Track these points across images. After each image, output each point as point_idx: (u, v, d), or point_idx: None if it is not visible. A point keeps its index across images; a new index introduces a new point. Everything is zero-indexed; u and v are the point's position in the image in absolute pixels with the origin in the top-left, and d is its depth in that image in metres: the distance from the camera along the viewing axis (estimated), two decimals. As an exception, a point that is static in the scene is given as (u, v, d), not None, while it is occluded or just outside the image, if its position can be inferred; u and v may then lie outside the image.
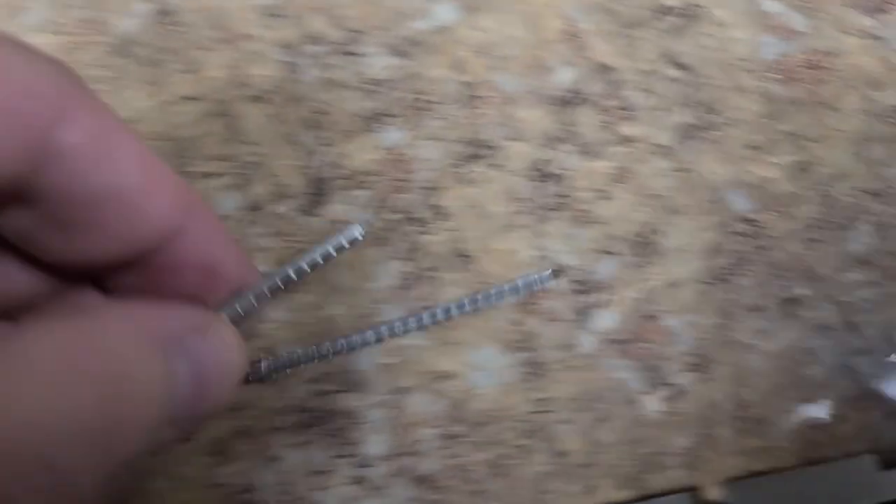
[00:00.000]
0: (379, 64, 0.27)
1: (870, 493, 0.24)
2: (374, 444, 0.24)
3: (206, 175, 0.25)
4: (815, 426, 0.25)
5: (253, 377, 0.23)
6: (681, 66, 0.27)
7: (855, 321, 0.26)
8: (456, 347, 0.25)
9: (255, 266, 0.22)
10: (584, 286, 0.26)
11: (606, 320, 0.25)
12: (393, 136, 0.26)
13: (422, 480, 0.24)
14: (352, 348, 0.23)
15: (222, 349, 0.18)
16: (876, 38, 0.28)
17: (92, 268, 0.18)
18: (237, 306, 0.20)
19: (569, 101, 0.27)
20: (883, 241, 0.26)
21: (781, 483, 0.24)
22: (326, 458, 0.24)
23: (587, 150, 0.26)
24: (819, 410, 0.25)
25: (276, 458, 0.24)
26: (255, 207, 0.25)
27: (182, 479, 0.24)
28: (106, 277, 0.19)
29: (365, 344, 0.23)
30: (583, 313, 0.25)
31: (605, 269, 0.26)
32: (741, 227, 0.26)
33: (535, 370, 0.25)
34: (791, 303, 0.26)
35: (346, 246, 0.21)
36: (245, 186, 0.25)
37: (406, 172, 0.26)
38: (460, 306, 0.24)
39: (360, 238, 0.21)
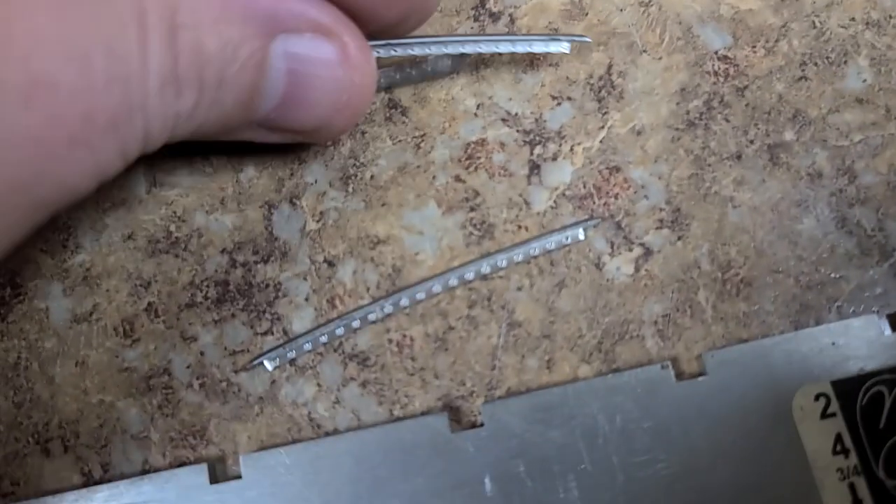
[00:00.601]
0: None
1: (876, 355, 0.20)
2: (300, 319, 0.21)
3: None
4: (809, 286, 0.21)
5: None
6: None
7: (852, 167, 0.22)
8: (390, 209, 0.22)
9: None
10: (535, 136, 0.22)
11: (561, 173, 0.22)
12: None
13: (355, 358, 0.21)
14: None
15: (343, 65, 0.17)
16: None
17: None
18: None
19: (515, -66, 0.24)
20: (882, 77, 0.23)
21: (770, 351, 0.20)
22: (247, 335, 0.21)
23: (537, -14, 0.23)
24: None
25: (190, 338, 0.21)
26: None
27: (86, 365, 0.21)
28: None
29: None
30: (534, 166, 0.22)
31: (558, 116, 0.23)
32: (717, 65, 0.23)
33: (481, 231, 0.22)
34: (777, 149, 0.22)
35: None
36: None
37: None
38: None
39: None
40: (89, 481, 0.21)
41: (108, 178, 0.16)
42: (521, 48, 0.21)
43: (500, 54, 0.22)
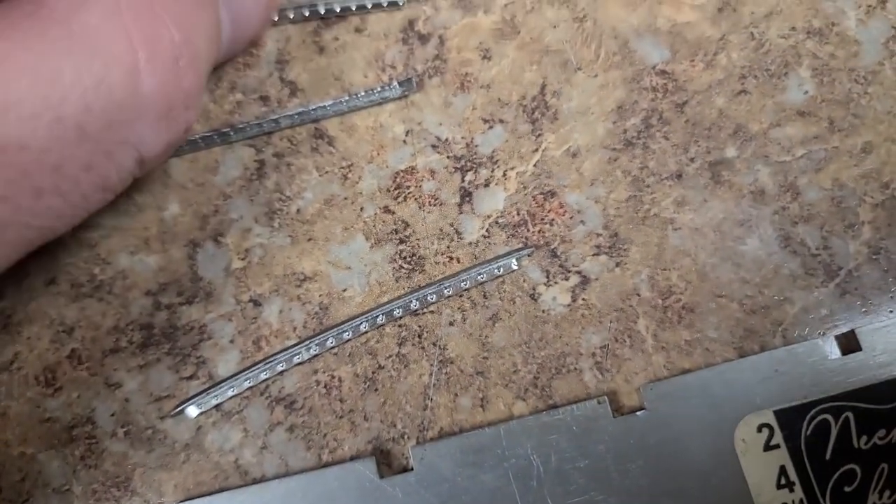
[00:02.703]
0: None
1: (821, 381, 0.19)
2: (226, 362, 0.21)
3: None
4: (753, 310, 0.21)
5: None
6: None
7: (795, 183, 0.21)
8: (317, 244, 0.21)
9: None
10: (466, 162, 0.22)
11: (494, 200, 0.21)
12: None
13: (282, 401, 0.20)
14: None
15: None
16: None
17: None
18: None
19: (442, -50, 0.23)
20: (824, 88, 0.22)
21: (711, 381, 0.20)
22: (172, 380, 0.21)
23: (465, 5, 0.22)
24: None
25: (115, 384, 0.21)
26: None
27: (7, 416, 0.21)
28: None
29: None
30: (466, 194, 0.21)
31: (490, 140, 0.22)
32: (655, 81, 0.22)
33: (412, 265, 0.21)
34: (718, 166, 0.21)
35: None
36: None
37: (254, 46, 0.22)
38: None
39: None
40: (13, 537, 0.20)
41: (94, 208, 0.17)
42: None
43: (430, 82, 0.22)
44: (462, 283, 0.21)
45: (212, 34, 0.18)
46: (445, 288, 0.20)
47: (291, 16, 0.22)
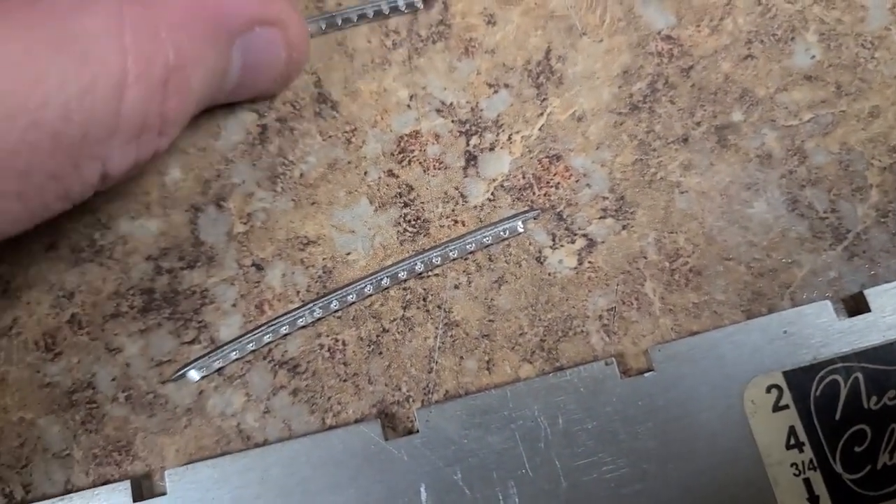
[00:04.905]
0: None
1: (830, 342, 0.19)
2: (228, 326, 0.20)
3: None
4: (761, 273, 0.20)
5: None
6: None
7: (802, 147, 0.21)
8: (320, 207, 0.21)
9: None
10: (471, 126, 0.21)
11: (499, 164, 0.21)
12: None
13: (285, 365, 0.20)
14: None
15: (286, 46, 0.19)
16: None
17: None
18: None
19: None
20: (831, 53, 0.22)
21: (719, 342, 0.19)
22: (173, 345, 0.20)
23: (469, -30, 0.22)
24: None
25: (115, 349, 0.20)
26: None
27: (6, 381, 0.20)
28: None
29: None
30: (471, 158, 0.21)
31: (495, 104, 0.22)
32: (660, 46, 0.22)
33: (416, 228, 0.21)
34: (724, 130, 0.21)
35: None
36: None
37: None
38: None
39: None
40: (11, 503, 0.20)
41: (50, 216, 0.16)
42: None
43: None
44: (467, 246, 0.20)
45: (214, 70, 0.17)
46: (451, 251, 0.20)
47: None
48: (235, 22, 0.17)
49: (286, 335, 0.20)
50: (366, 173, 0.21)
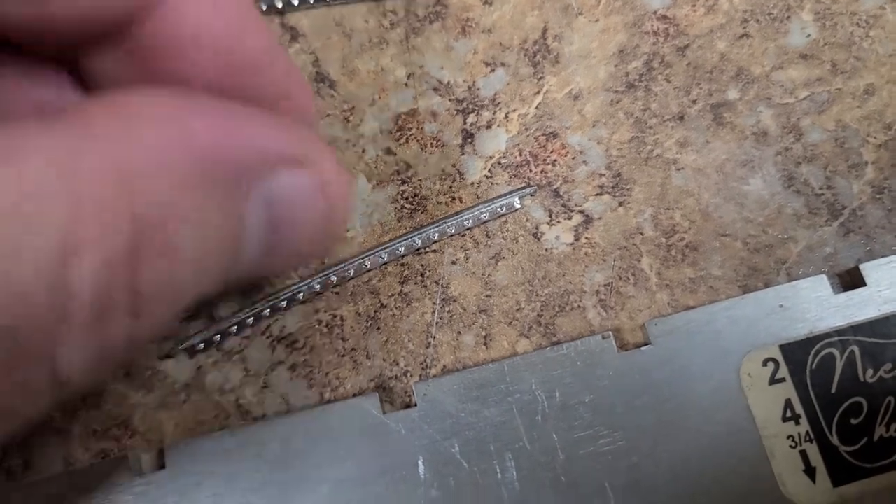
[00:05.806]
0: None
1: (826, 316, 0.19)
2: (225, 303, 0.20)
3: None
4: (757, 249, 0.20)
5: None
6: None
7: (798, 125, 0.21)
8: (319, 185, 0.21)
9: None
10: (468, 104, 0.22)
11: (496, 141, 0.21)
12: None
13: (283, 340, 0.20)
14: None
15: (323, 193, 0.13)
16: None
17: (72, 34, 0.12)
18: None
19: None
20: (826, 32, 0.22)
21: (716, 317, 0.19)
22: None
23: (466, -50, 0.22)
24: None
25: (113, 328, 0.20)
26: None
27: (5, 359, 0.20)
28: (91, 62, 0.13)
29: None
30: (468, 135, 0.21)
31: (492, 83, 0.22)
32: (656, 25, 0.22)
33: (413, 204, 0.21)
34: (720, 108, 0.21)
35: None
36: None
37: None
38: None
39: None
40: (11, 478, 0.20)
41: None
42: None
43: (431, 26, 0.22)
44: (465, 222, 0.20)
45: (217, 229, 0.12)
46: (448, 226, 0.20)
47: None
48: (244, 162, 0.12)
49: (284, 310, 0.20)
50: (364, 151, 0.21)
